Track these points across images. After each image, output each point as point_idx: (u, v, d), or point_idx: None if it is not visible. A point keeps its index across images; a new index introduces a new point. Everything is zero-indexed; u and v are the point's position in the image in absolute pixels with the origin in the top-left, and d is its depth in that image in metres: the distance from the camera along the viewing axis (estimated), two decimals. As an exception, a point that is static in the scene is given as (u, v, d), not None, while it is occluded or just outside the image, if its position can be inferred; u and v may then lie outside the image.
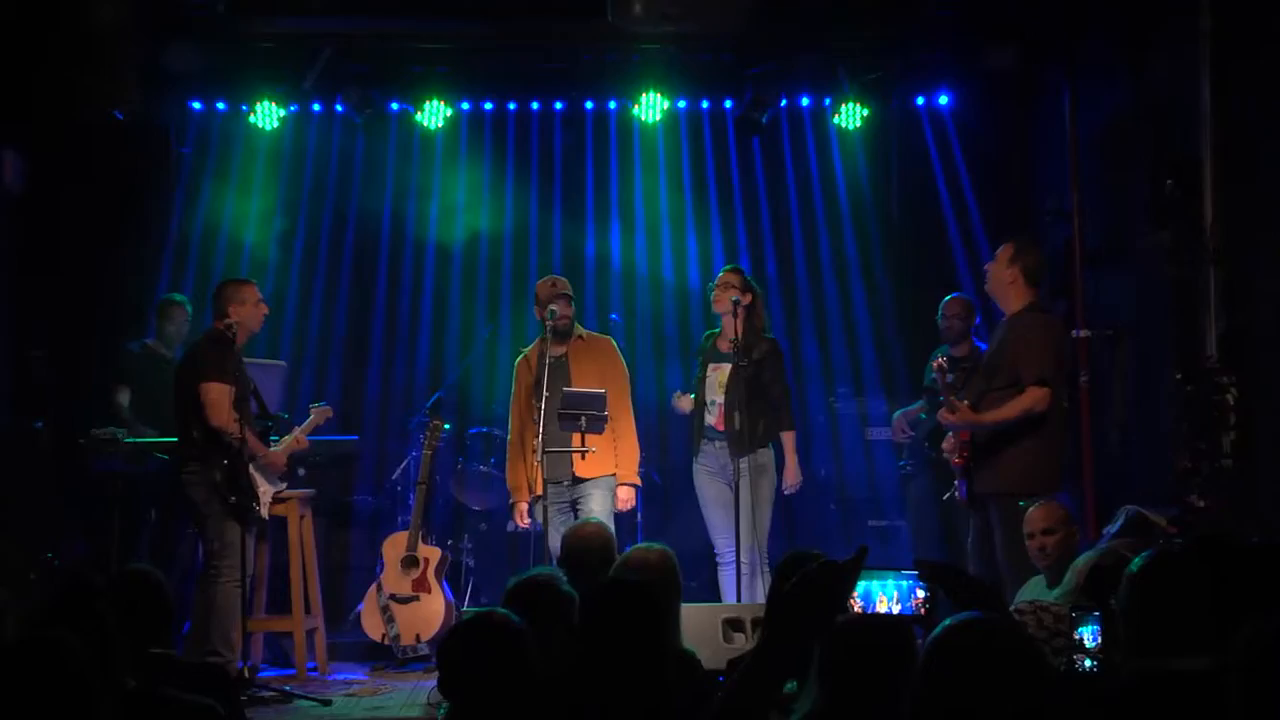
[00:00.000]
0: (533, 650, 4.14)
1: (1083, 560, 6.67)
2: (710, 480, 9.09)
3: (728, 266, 9.46)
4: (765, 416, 9.06)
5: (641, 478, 9.19)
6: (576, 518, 8.57)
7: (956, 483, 8.42)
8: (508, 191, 11.41)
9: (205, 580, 8.32)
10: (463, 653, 4.16)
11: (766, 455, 9.07)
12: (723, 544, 8.97)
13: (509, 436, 9.19)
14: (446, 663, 4.20)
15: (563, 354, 8.95)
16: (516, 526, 9.55)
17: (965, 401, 8.02)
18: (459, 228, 11.36)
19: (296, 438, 8.98)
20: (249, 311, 8.64)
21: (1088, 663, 5.10)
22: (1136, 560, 4.51)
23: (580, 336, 9.11)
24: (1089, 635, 5.25)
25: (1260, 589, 4.20)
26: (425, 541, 9.44)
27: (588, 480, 8.87)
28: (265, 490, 8.67)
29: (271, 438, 8.85)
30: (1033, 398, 7.95)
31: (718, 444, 9.02)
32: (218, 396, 8.31)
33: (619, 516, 8.94)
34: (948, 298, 9.99)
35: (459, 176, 11.34)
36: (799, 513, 10.07)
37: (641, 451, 9.15)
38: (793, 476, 9.10)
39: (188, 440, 8.45)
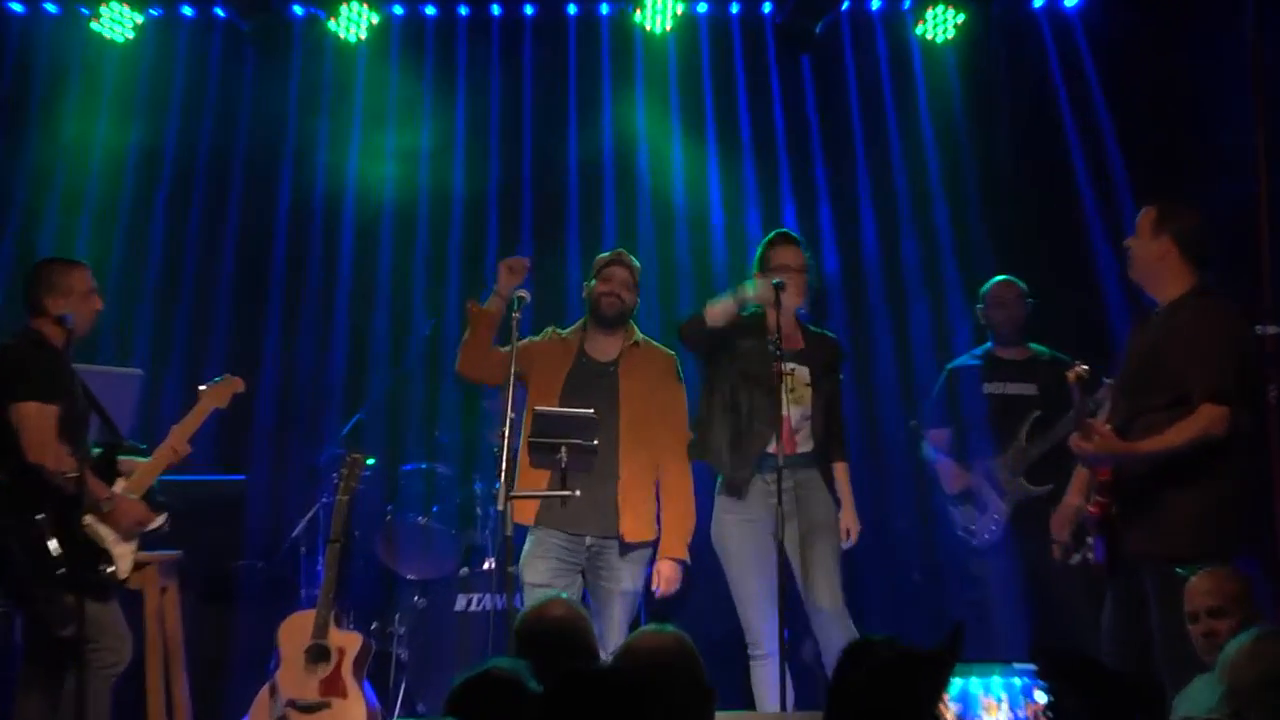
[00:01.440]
0: None
1: (1235, 646, 6.35)
2: (751, 534, 8.89)
3: (775, 232, 9.35)
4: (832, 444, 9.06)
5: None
6: (590, 592, 8.71)
7: (1091, 540, 8.22)
8: (458, 129, 11.46)
9: (34, 679, 8.27)
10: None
11: (825, 494, 9.00)
12: (763, 627, 8.77)
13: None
14: None
15: (612, 361, 9.01)
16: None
17: (1108, 425, 7.80)
18: (389, 179, 11.42)
19: (158, 454, 8.69)
20: (76, 305, 8.38)
21: None
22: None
23: (636, 342, 9.10)
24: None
25: None
26: (339, 625, 9.23)
27: (627, 545, 8.85)
28: (121, 550, 8.48)
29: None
30: (1207, 418, 7.71)
31: (769, 479, 8.67)
32: (37, 420, 8.13)
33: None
34: (994, 281, 10.08)
35: (389, 108, 11.43)
36: (865, 582, 9.97)
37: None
38: (852, 523, 9.01)
39: None
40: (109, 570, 8.38)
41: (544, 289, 9.98)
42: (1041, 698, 6.75)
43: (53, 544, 8.18)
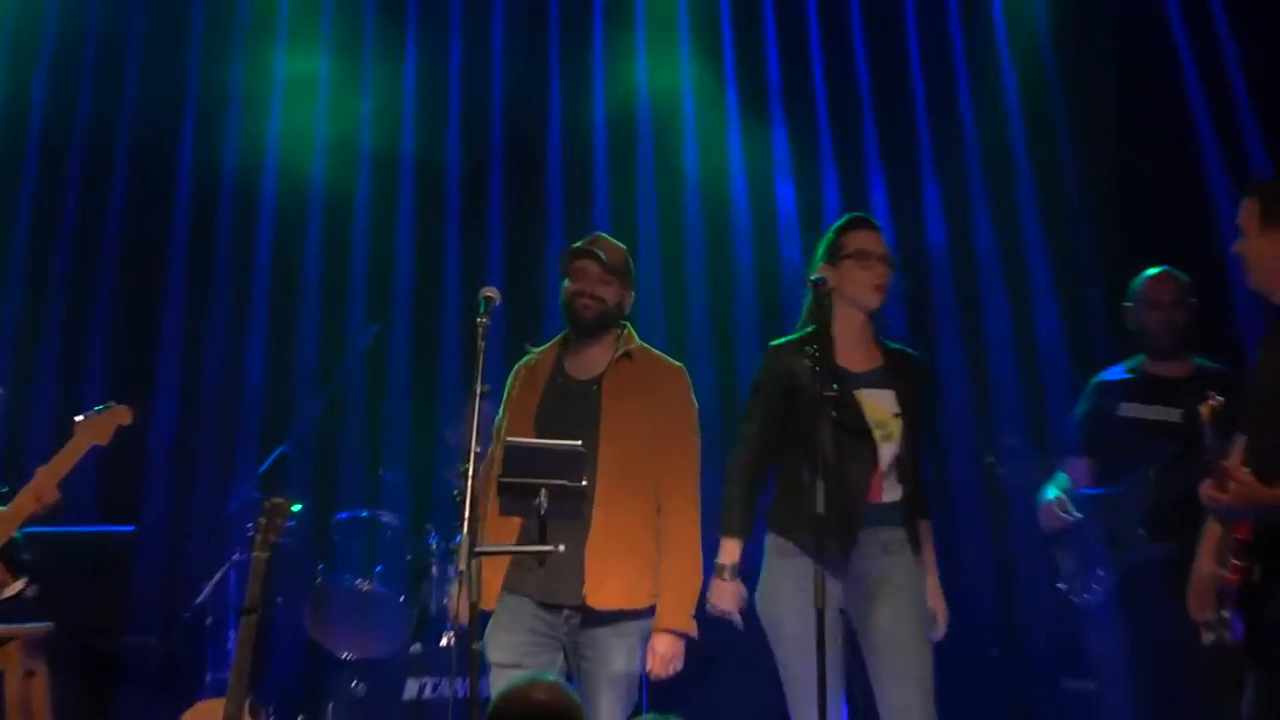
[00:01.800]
0: None
1: None
2: (807, 604, 7.67)
3: (856, 218, 8.23)
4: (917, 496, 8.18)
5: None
6: (574, 675, 7.71)
7: (1228, 615, 7.25)
8: (407, 76, 10.74)
9: None
10: None
11: (905, 567, 8.02)
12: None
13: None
14: None
15: (595, 378, 8.04)
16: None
17: (1246, 468, 7.00)
18: (319, 145, 10.63)
19: (19, 500, 8.30)
20: None
21: None
22: None
23: (628, 353, 8.10)
24: None
25: None
26: (255, 718, 8.32)
27: (606, 615, 7.75)
28: None
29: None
30: None
31: (842, 539, 7.87)
32: None
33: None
34: (1147, 274, 9.10)
35: (320, 50, 10.76)
36: (938, 661, 8.48)
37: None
38: (939, 605, 8.06)
39: None
40: None
41: (519, 289, 9.36)
42: None
43: None
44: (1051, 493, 9.02)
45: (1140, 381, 8.94)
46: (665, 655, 7.68)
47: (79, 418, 8.48)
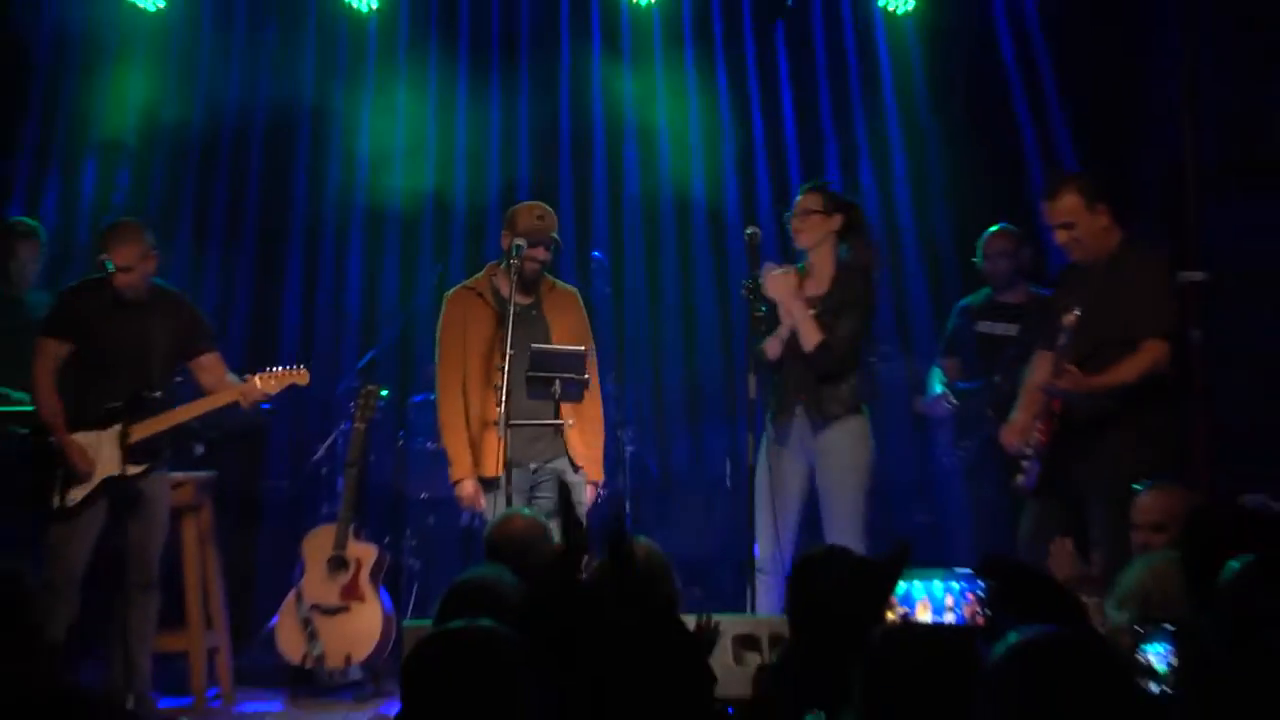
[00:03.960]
0: (520, 674, 4.02)
1: (1134, 574, 6.51)
2: (776, 464, 8.90)
3: (808, 185, 9.22)
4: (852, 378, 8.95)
5: (632, 470, 9.49)
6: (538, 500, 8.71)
7: (1026, 464, 8.45)
8: (460, 93, 11.48)
9: None
10: (430, 678, 4.01)
11: (850, 430, 8.99)
12: (772, 546, 8.80)
13: (438, 393, 8.96)
14: (413, 686, 4.04)
15: (532, 302, 8.88)
16: (473, 518, 9.50)
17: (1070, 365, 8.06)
18: (398, 139, 11.40)
19: (227, 392, 8.77)
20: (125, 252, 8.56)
21: (1155, 687, 5.20)
22: (1237, 565, 4.72)
23: (552, 285, 9.06)
24: (1157, 655, 5.46)
25: None
26: (357, 538, 9.41)
27: (573, 467, 8.86)
28: (76, 486, 8.51)
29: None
30: (1156, 355, 8.14)
31: (801, 417, 8.86)
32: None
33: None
34: (991, 230, 10.10)
35: (398, 73, 11.42)
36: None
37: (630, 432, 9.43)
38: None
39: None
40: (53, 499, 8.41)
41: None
42: (978, 599, 6.90)
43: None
44: (938, 388, 10.08)
45: (990, 306, 9.94)
46: (590, 501, 8.82)
47: (278, 368, 8.82)
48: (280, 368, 8.84)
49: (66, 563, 8.23)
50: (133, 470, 8.39)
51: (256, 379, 8.74)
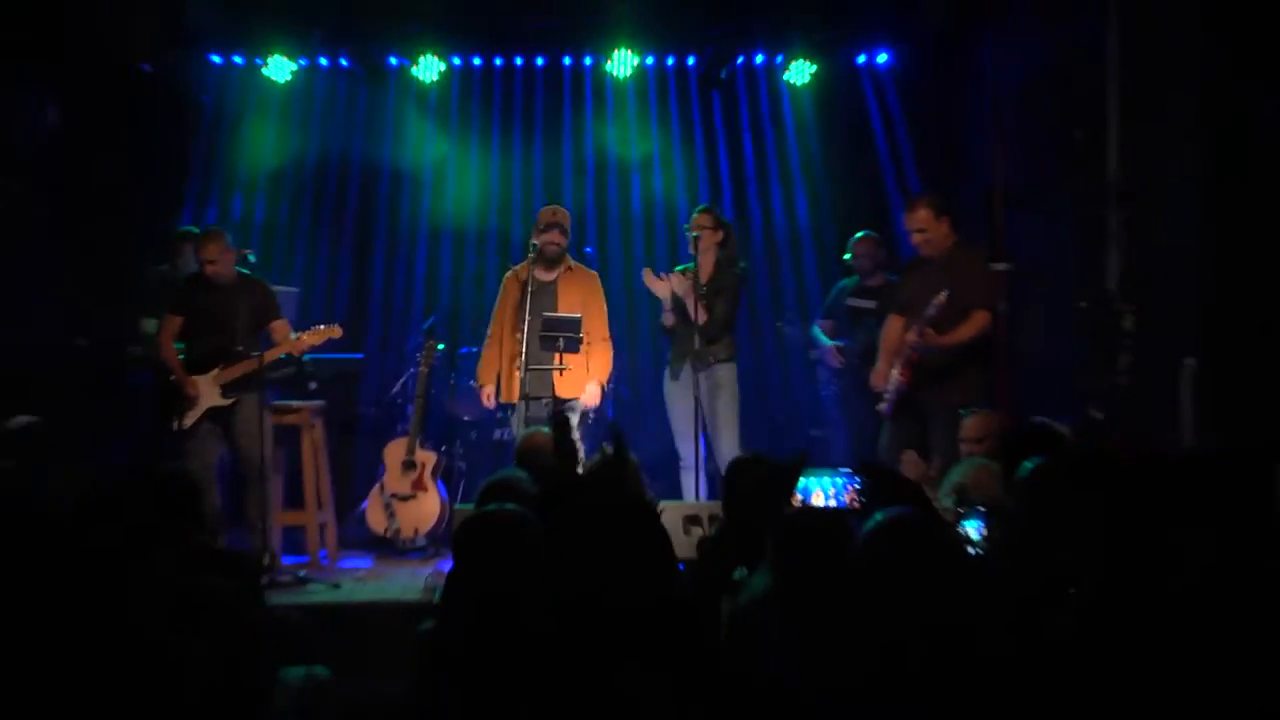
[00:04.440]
0: (533, 541, 4.14)
1: (959, 473, 6.56)
2: (680, 395, 9.12)
3: (699, 208, 9.41)
4: (726, 338, 9.14)
5: (609, 393, 9.36)
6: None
7: (886, 397, 8.44)
8: (494, 138, 11.35)
9: None
10: (474, 541, 4.20)
11: (725, 372, 9.14)
12: (688, 452, 9.02)
13: (489, 331, 9.18)
14: (462, 547, 4.23)
15: (552, 280, 8.96)
16: (502, 434, 9.69)
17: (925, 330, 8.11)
18: (451, 171, 11.28)
19: (281, 348, 8.74)
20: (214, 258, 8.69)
21: (972, 551, 5.26)
22: (1028, 465, 4.69)
23: (570, 267, 9.07)
24: (974, 529, 5.47)
25: (1133, 494, 4.26)
26: (422, 447, 9.41)
27: (566, 400, 8.90)
28: (192, 410, 8.62)
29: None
30: (981, 322, 8.22)
31: (698, 359, 8.99)
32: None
33: (595, 426, 9.16)
34: (858, 236, 10.05)
35: (452, 125, 11.28)
36: (751, 423, 9.89)
37: (612, 370, 9.26)
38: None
39: None
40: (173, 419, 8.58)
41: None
42: (855, 490, 6.98)
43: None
44: (826, 341, 9.96)
45: (858, 288, 9.89)
46: (593, 394, 8.88)
47: (320, 325, 8.78)
48: (321, 325, 8.82)
49: (198, 464, 8.29)
50: (225, 401, 8.59)
51: (303, 335, 8.74)
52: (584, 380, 8.94)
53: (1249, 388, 7.40)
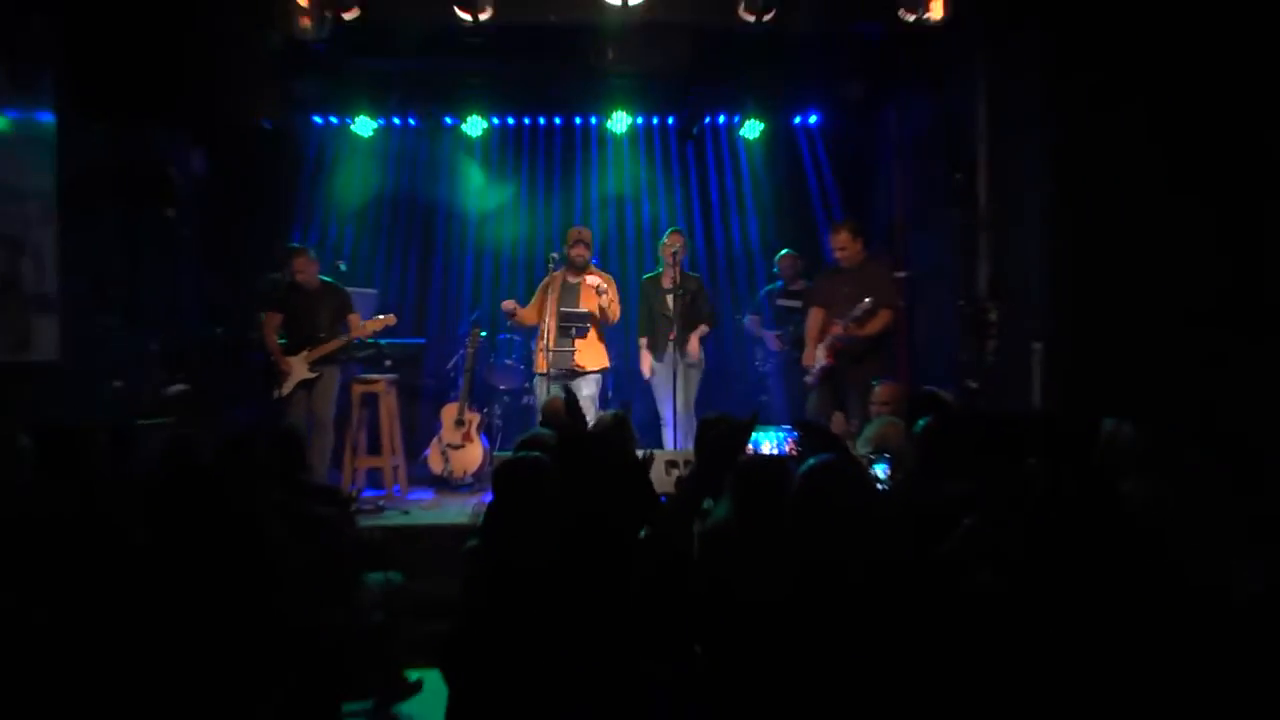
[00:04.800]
0: (554, 479, 4.17)
1: (871, 429, 6.51)
2: (665, 372, 9.08)
3: (672, 229, 9.38)
4: (695, 328, 9.12)
5: (612, 369, 9.28)
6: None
7: (812, 373, 8.46)
8: (523, 178, 11.24)
9: None
10: (508, 477, 4.19)
11: (696, 354, 9.14)
12: (668, 414, 9.01)
13: (531, 301, 9.12)
14: (500, 481, 4.23)
15: (576, 282, 8.90)
16: (529, 400, 9.57)
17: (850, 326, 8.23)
18: (492, 203, 11.17)
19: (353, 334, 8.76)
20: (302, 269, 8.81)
21: (880, 487, 5.30)
22: (922, 422, 4.72)
23: (591, 270, 8.98)
24: (882, 471, 5.48)
25: (998, 442, 4.28)
26: (469, 409, 9.41)
27: (580, 371, 8.88)
28: (286, 383, 8.65)
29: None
30: (888, 318, 8.34)
31: (673, 346, 9.00)
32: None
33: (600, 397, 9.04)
34: (783, 253, 10.08)
35: (492, 167, 11.18)
36: (715, 391, 9.94)
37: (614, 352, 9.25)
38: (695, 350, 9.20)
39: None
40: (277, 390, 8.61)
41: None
42: (793, 442, 6.85)
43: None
44: (764, 330, 10.01)
45: (783, 291, 9.83)
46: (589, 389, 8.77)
47: (370, 319, 8.80)
48: (380, 315, 8.86)
49: (295, 421, 8.28)
50: (311, 375, 8.64)
51: (366, 323, 8.74)
52: (595, 353, 8.91)
53: (1081, 364, 7.42)
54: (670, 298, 8.97)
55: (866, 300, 8.23)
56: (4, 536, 3.63)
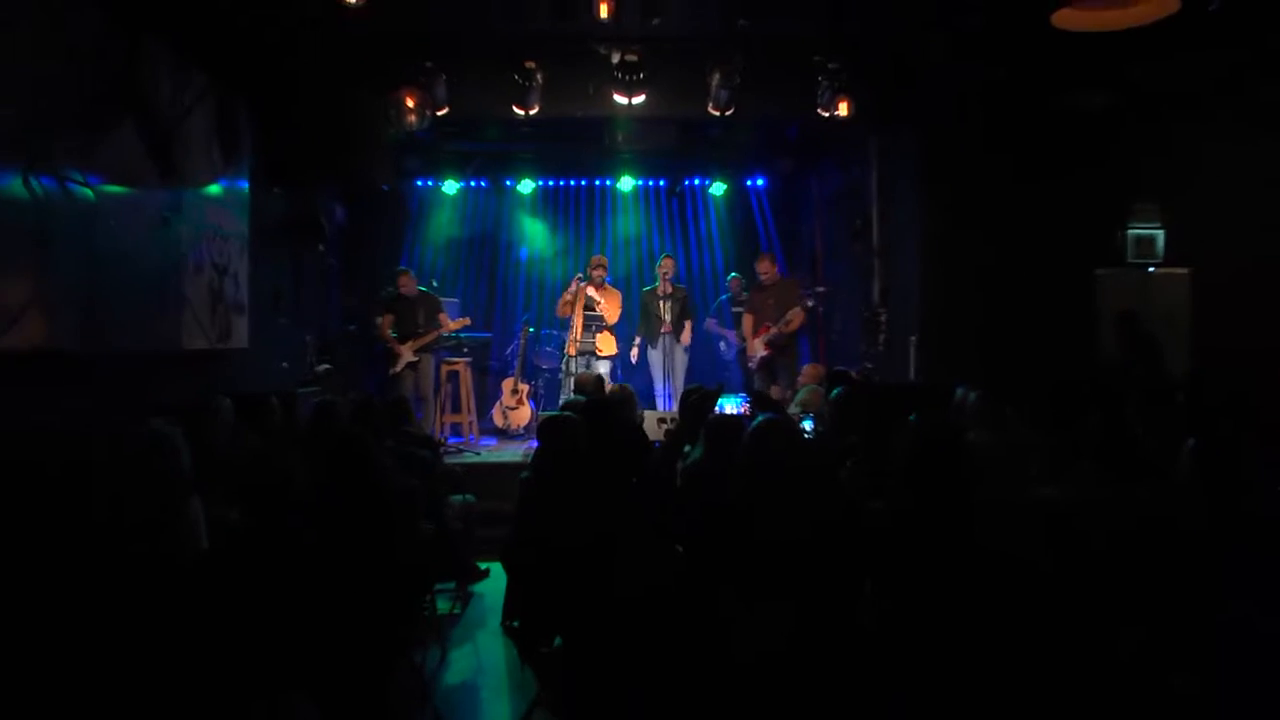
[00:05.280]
0: (583, 432, 4.10)
1: (800, 395, 6.58)
2: (659, 357, 8.96)
3: (665, 255, 9.25)
4: (683, 325, 8.98)
5: (625, 356, 9.15)
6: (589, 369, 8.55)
7: (758, 358, 8.44)
8: (559, 224, 11.04)
9: None
10: (554, 428, 4.11)
11: (687, 342, 9.03)
12: (660, 386, 8.82)
13: (563, 297, 8.85)
14: (546, 431, 4.15)
15: (597, 294, 8.73)
16: (563, 376, 9.22)
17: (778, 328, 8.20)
18: (538, 244, 10.97)
19: (442, 330, 8.58)
20: (404, 285, 8.77)
21: (806, 437, 5.24)
22: (836, 391, 4.68)
23: (605, 286, 8.85)
24: (808, 425, 5.45)
25: (885, 405, 4.22)
26: (522, 382, 9.27)
27: (598, 356, 8.77)
28: (398, 363, 8.50)
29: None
30: (803, 317, 8.36)
31: (668, 338, 8.88)
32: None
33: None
34: (731, 275, 9.75)
35: (538, 216, 11.00)
36: (695, 370, 9.84)
37: (621, 342, 9.08)
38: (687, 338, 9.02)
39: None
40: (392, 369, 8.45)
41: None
42: (746, 405, 6.94)
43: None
44: (724, 329, 9.72)
45: (734, 300, 9.57)
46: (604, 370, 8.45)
47: (453, 320, 8.78)
48: (462, 317, 8.88)
49: (403, 393, 8.04)
50: (414, 359, 8.52)
51: (450, 323, 8.66)
52: (608, 343, 8.70)
53: (941, 351, 7.43)
54: (664, 303, 8.95)
55: (793, 310, 8.32)
56: (217, 467, 3.70)
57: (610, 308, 8.74)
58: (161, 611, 1.93)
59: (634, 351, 8.97)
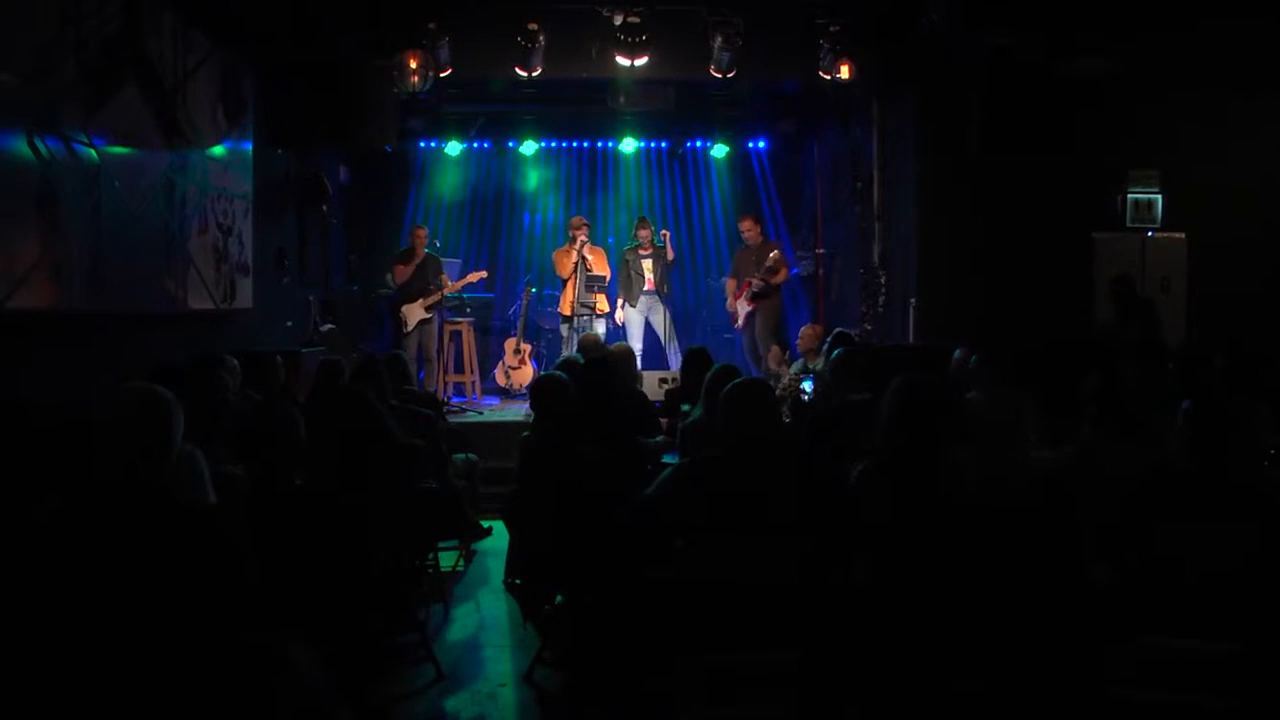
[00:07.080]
0: (571, 390, 4.12)
1: (797, 367, 6.59)
2: (638, 315, 8.99)
3: (640, 216, 9.38)
4: (667, 282, 9.00)
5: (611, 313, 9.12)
6: (590, 329, 8.55)
7: (742, 316, 8.51)
8: (563, 185, 10.94)
9: None
10: (541, 389, 4.14)
11: (666, 303, 9.03)
12: (638, 344, 8.80)
13: (565, 263, 8.81)
14: (535, 392, 4.20)
15: (586, 253, 8.71)
16: (562, 337, 9.25)
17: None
18: (540, 201, 10.88)
19: (448, 288, 8.62)
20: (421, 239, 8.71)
21: (805, 397, 5.25)
22: (836, 352, 4.68)
23: (590, 244, 8.85)
24: (808, 386, 5.47)
25: (884, 366, 4.14)
26: (524, 342, 9.26)
27: (596, 315, 8.76)
28: (409, 321, 8.47)
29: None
30: (786, 273, 8.43)
31: (648, 296, 8.89)
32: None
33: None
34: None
35: (541, 177, 10.88)
36: (694, 330, 9.85)
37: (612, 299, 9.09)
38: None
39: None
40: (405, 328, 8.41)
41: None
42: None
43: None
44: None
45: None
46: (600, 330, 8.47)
47: (468, 273, 8.78)
48: (471, 273, 8.84)
49: (410, 350, 8.12)
50: (424, 318, 8.48)
51: (455, 282, 8.69)
52: (603, 302, 8.75)
53: (939, 314, 7.42)
54: (646, 261, 8.99)
55: (772, 254, 8.29)
56: (228, 421, 3.75)
57: (601, 264, 8.95)
58: (158, 562, 1.95)
59: (620, 314, 8.97)
